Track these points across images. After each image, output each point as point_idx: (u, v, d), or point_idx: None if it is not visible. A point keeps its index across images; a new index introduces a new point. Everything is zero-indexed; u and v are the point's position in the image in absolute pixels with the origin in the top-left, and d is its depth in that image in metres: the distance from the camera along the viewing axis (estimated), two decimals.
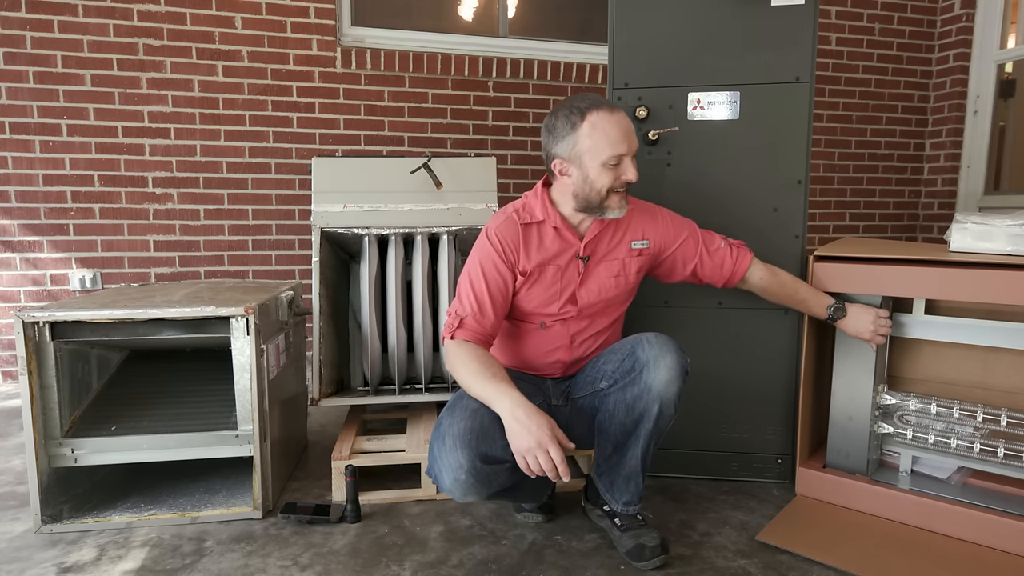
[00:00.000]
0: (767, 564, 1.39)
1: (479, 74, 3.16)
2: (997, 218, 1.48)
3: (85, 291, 2.84)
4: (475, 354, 1.35)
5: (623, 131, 1.36)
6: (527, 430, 1.20)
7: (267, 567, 1.39)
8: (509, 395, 1.25)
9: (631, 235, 1.52)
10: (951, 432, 1.56)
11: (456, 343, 1.38)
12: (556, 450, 1.19)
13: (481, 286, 1.41)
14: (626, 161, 1.38)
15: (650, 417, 1.37)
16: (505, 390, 1.26)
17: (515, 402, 1.24)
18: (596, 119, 1.36)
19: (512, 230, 1.45)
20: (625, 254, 1.51)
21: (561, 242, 1.46)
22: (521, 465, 1.21)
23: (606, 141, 1.35)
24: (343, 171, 2.01)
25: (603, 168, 1.37)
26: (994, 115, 3.55)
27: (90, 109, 2.79)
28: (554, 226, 1.46)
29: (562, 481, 1.21)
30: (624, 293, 1.54)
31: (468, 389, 1.33)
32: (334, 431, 2.25)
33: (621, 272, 1.51)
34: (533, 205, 1.48)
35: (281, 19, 2.93)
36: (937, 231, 3.76)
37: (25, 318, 1.48)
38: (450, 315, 1.42)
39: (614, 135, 1.35)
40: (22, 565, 1.40)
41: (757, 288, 1.60)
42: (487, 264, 1.43)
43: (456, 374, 1.35)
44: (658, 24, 1.72)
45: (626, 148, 1.37)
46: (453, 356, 1.37)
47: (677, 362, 1.36)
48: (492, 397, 1.27)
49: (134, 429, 1.61)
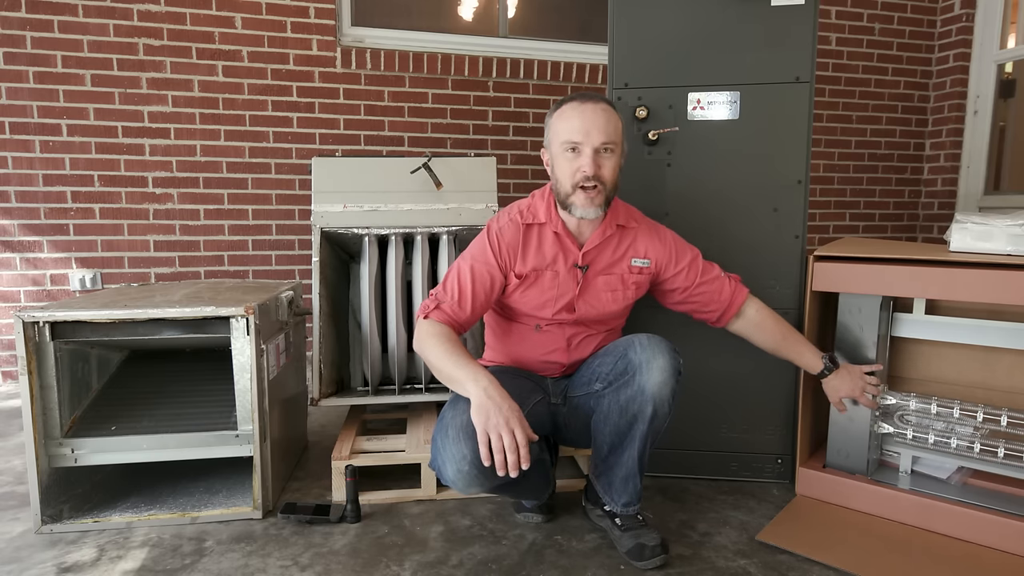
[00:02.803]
0: (767, 564, 1.39)
1: (479, 74, 3.16)
2: (997, 218, 1.48)
3: (85, 291, 2.84)
4: (448, 335, 1.34)
5: (586, 121, 1.36)
6: (497, 408, 1.20)
7: (267, 567, 1.39)
8: (485, 377, 1.25)
9: (633, 252, 1.51)
10: (951, 432, 1.56)
11: (429, 322, 1.38)
12: (521, 433, 1.19)
13: (467, 279, 1.42)
14: (585, 152, 1.37)
15: (644, 419, 1.37)
16: (480, 372, 1.26)
17: (490, 383, 1.24)
18: (568, 108, 1.40)
19: (513, 232, 1.46)
20: (625, 270, 1.50)
21: (560, 248, 1.46)
22: (481, 441, 1.19)
23: (566, 126, 1.38)
24: (343, 171, 2.01)
25: (563, 153, 1.39)
26: (994, 115, 3.55)
27: (90, 109, 2.79)
28: (555, 231, 1.46)
29: (520, 470, 1.19)
30: (621, 308, 1.53)
31: (438, 368, 1.32)
32: (334, 431, 2.25)
33: (619, 288, 1.50)
34: (538, 207, 1.48)
35: (281, 19, 2.93)
36: (937, 231, 3.76)
37: (25, 318, 1.48)
38: (430, 296, 1.42)
39: (575, 123, 1.37)
40: (22, 565, 1.40)
41: (752, 324, 1.56)
42: (479, 260, 1.44)
43: (425, 353, 1.34)
44: (658, 24, 1.72)
45: (581, 138, 1.36)
46: (425, 334, 1.36)
47: (670, 363, 1.35)
48: (464, 377, 1.26)
49: (134, 429, 1.61)
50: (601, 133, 1.36)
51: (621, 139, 1.42)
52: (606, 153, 1.38)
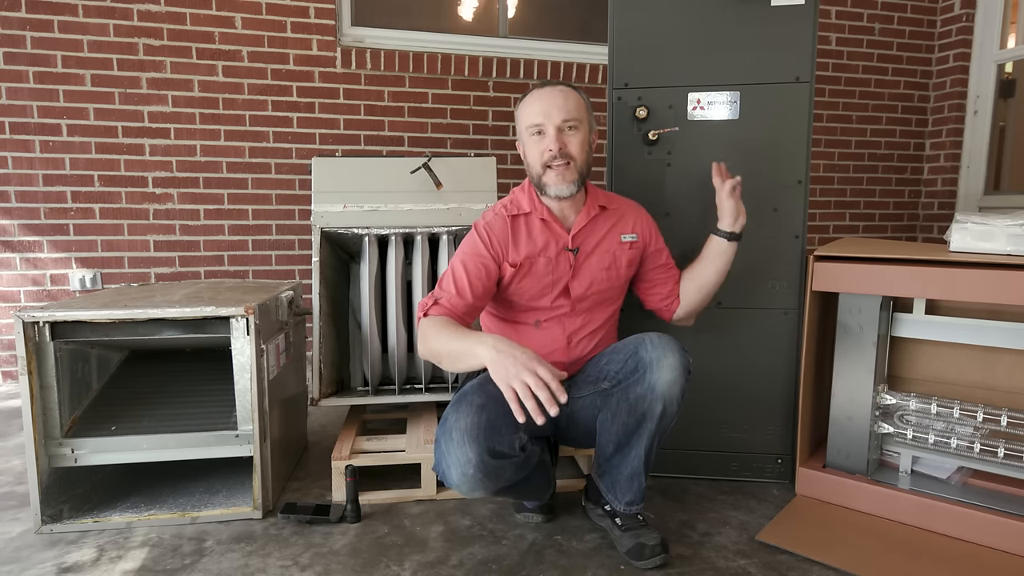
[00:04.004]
0: (767, 564, 1.39)
1: (479, 74, 3.16)
2: (997, 218, 1.48)
3: (85, 291, 2.84)
4: (448, 321, 1.34)
5: (545, 103, 1.41)
6: (511, 356, 1.17)
7: (267, 567, 1.39)
8: (491, 336, 1.24)
9: (620, 228, 1.54)
10: (951, 432, 1.56)
11: (428, 319, 1.38)
12: (545, 369, 1.14)
13: (462, 273, 1.42)
14: (548, 132, 1.41)
15: (653, 417, 1.37)
16: (484, 335, 1.24)
17: (496, 339, 1.22)
18: (529, 96, 1.45)
19: (500, 224, 1.47)
20: (616, 247, 1.53)
21: (549, 234, 1.48)
22: (509, 397, 1.14)
23: (528, 111, 1.43)
24: (343, 171, 2.01)
25: (530, 138, 1.44)
26: (994, 115, 3.55)
27: (90, 109, 2.79)
28: (541, 218, 1.48)
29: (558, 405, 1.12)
30: (616, 287, 1.55)
31: (443, 353, 1.30)
32: (334, 431, 2.25)
33: (612, 265, 1.52)
34: (520, 198, 1.51)
35: (281, 19, 2.93)
36: (937, 231, 3.76)
37: (25, 318, 1.48)
38: (427, 297, 1.43)
39: (535, 106, 1.42)
40: (22, 565, 1.40)
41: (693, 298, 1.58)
42: (471, 255, 1.45)
43: (429, 344, 1.33)
44: (658, 24, 1.72)
45: (542, 118, 1.41)
46: (426, 327, 1.35)
47: (680, 362, 1.36)
48: (473, 343, 1.23)
49: (134, 429, 1.61)
50: (560, 111, 1.40)
51: (586, 116, 1.45)
52: (570, 131, 1.42)
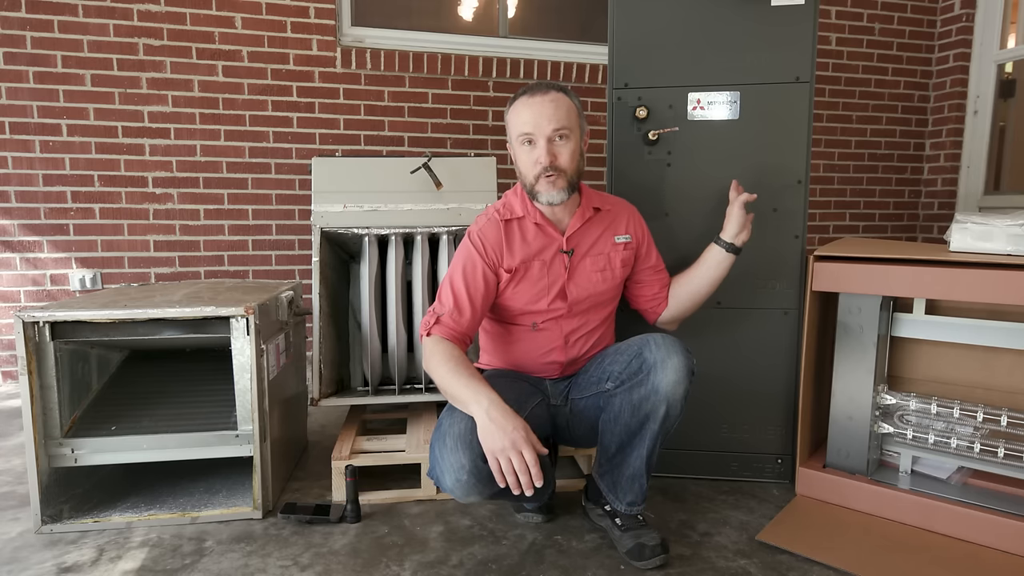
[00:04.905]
0: (767, 564, 1.39)
1: (479, 74, 3.16)
2: (997, 218, 1.48)
3: (85, 291, 2.84)
4: (452, 353, 1.35)
5: (534, 112, 1.38)
6: (502, 430, 1.20)
7: (267, 567, 1.39)
8: (486, 395, 1.25)
9: (613, 229, 1.54)
10: (951, 432, 1.56)
11: (433, 340, 1.39)
12: (530, 453, 1.19)
13: (460, 285, 1.43)
14: (539, 143, 1.39)
15: (656, 418, 1.37)
16: (482, 390, 1.26)
17: (491, 402, 1.24)
18: (518, 103, 1.42)
19: (494, 229, 1.47)
20: (610, 248, 1.53)
21: (544, 237, 1.48)
22: (492, 467, 1.21)
23: (518, 120, 1.41)
24: (343, 171, 2.01)
25: (520, 147, 1.42)
26: (994, 115, 3.55)
27: (90, 109, 2.79)
28: (535, 222, 1.48)
29: (534, 488, 1.19)
30: (612, 288, 1.55)
31: (444, 388, 1.33)
32: (334, 431, 2.25)
33: (607, 266, 1.52)
34: (513, 202, 1.51)
35: (281, 19, 2.93)
36: (937, 231, 3.76)
37: (25, 318, 1.48)
38: (429, 313, 1.44)
39: (524, 115, 1.39)
40: (21, 565, 1.40)
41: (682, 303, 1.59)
42: (467, 265, 1.45)
43: (432, 372, 1.36)
44: (658, 24, 1.72)
45: (532, 128, 1.38)
46: (429, 353, 1.37)
47: (684, 363, 1.36)
48: (468, 398, 1.27)
49: (134, 429, 1.61)
50: (551, 121, 1.38)
51: (576, 122, 1.43)
52: (560, 140, 1.40)
